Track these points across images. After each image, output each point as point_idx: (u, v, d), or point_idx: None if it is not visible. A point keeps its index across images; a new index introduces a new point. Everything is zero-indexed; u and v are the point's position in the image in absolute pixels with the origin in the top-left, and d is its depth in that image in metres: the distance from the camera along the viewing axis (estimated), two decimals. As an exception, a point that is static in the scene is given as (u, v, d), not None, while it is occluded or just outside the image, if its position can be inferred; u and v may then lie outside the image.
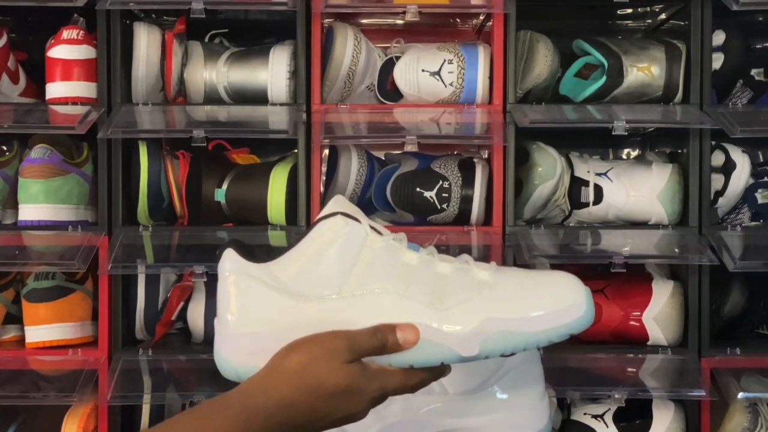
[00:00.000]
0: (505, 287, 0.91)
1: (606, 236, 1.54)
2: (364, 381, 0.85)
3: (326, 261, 0.90)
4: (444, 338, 0.88)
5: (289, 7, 1.46)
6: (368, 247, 0.91)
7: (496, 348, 0.89)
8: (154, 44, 1.53)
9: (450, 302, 0.90)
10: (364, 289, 0.90)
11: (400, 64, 1.56)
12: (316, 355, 0.84)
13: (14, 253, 1.49)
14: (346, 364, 0.84)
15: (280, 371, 0.84)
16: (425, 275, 0.91)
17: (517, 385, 1.05)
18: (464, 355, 0.89)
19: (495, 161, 1.51)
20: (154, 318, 1.57)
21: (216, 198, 1.56)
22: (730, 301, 1.58)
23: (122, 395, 1.46)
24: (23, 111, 1.55)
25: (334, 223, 0.91)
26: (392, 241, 0.93)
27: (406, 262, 0.92)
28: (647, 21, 1.76)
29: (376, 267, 0.90)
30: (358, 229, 0.91)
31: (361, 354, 0.86)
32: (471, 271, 0.92)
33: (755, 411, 1.49)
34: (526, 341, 0.90)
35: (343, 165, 1.56)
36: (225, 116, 1.56)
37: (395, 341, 0.87)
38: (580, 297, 0.90)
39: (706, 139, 1.53)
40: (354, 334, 0.86)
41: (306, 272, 0.90)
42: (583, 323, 0.90)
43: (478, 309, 0.89)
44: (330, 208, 0.93)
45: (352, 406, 0.85)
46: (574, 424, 1.52)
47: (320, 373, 0.83)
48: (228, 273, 0.91)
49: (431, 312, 0.89)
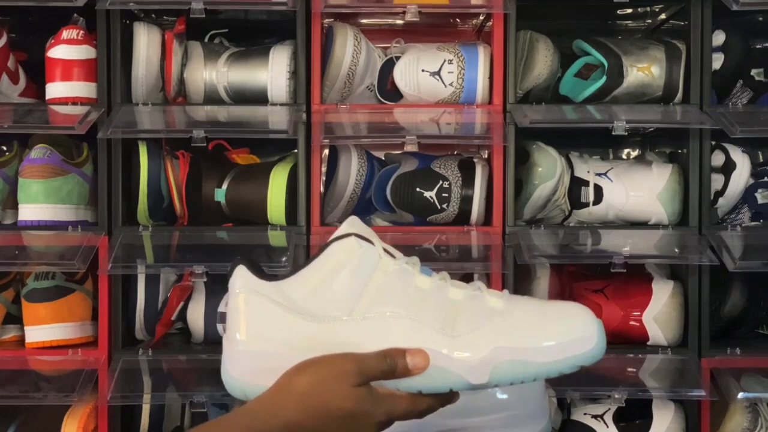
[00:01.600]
0: (517, 316, 0.90)
1: (606, 236, 1.54)
2: (372, 405, 0.85)
3: (338, 282, 0.89)
4: (454, 365, 0.88)
5: (289, 7, 1.46)
6: (381, 270, 0.90)
7: (506, 377, 0.89)
8: (154, 44, 1.53)
9: (461, 329, 0.89)
10: (375, 312, 0.89)
11: (400, 64, 1.56)
12: (324, 377, 0.84)
13: (14, 253, 1.49)
14: (354, 388, 0.84)
15: (287, 392, 0.84)
16: (437, 301, 0.90)
17: (517, 384, 1.05)
18: (474, 382, 0.88)
19: (495, 161, 1.51)
20: (154, 318, 1.57)
21: (216, 198, 1.56)
22: (730, 301, 1.58)
23: (122, 395, 1.46)
24: (23, 111, 1.55)
25: (348, 244, 0.90)
26: (405, 265, 0.92)
27: (419, 286, 0.91)
28: (647, 21, 1.76)
29: (388, 290, 0.90)
30: (371, 251, 0.91)
31: (369, 378, 0.85)
32: (483, 299, 0.92)
33: (755, 411, 1.49)
34: (536, 371, 0.89)
35: (343, 165, 1.56)
36: (225, 116, 1.56)
37: (404, 366, 0.86)
38: (592, 329, 0.90)
39: (706, 139, 1.53)
40: (363, 357, 0.85)
41: (317, 293, 0.89)
42: (595, 356, 0.90)
43: (489, 337, 0.89)
44: (344, 229, 0.92)
45: (358, 430, 0.85)
46: (574, 424, 1.52)
47: (328, 395, 0.83)
48: (239, 290, 0.91)
49: (442, 338, 0.88)
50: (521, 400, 1.05)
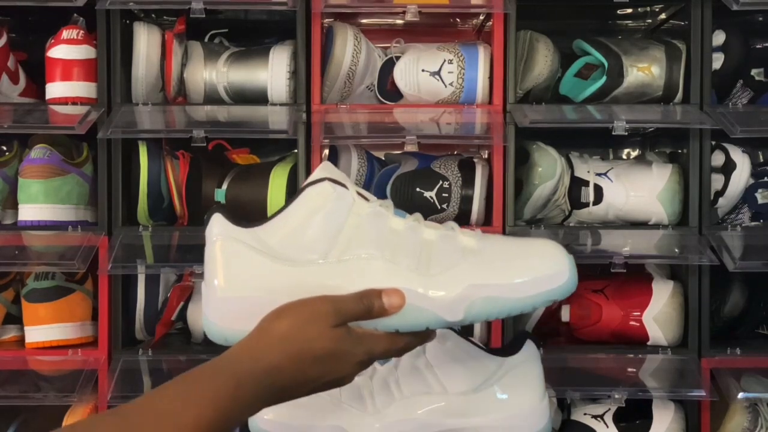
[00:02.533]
0: (490, 254, 0.92)
1: (606, 236, 1.54)
2: (351, 345, 0.87)
3: (313, 226, 0.90)
4: (429, 303, 0.89)
5: (289, 7, 1.46)
6: (355, 212, 0.92)
7: (481, 313, 0.90)
8: (154, 44, 1.53)
9: (436, 268, 0.90)
10: (350, 254, 0.90)
11: (400, 64, 1.56)
12: (303, 319, 0.85)
13: (14, 253, 1.49)
14: (333, 328, 0.86)
15: (267, 336, 0.85)
16: (411, 241, 0.92)
17: (517, 385, 1.05)
18: (449, 320, 0.90)
19: (495, 161, 1.51)
20: (154, 318, 1.57)
21: (216, 198, 1.56)
22: (730, 301, 1.58)
23: (122, 395, 1.45)
24: (23, 111, 1.55)
25: (322, 188, 0.92)
26: (379, 208, 0.93)
27: (393, 227, 0.93)
28: (647, 21, 1.76)
29: (362, 232, 0.91)
30: (345, 194, 0.92)
31: (347, 318, 0.87)
32: (457, 238, 0.93)
33: (755, 411, 1.49)
34: (511, 307, 0.91)
35: (343, 165, 1.56)
36: (225, 116, 1.56)
37: (381, 306, 0.88)
38: (564, 264, 0.92)
39: (706, 139, 1.53)
40: (340, 299, 0.87)
41: (293, 237, 0.91)
42: (566, 290, 0.92)
43: (463, 275, 0.90)
44: (317, 174, 0.93)
45: (339, 370, 0.87)
46: (574, 424, 1.52)
47: (307, 337, 0.85)
48: (215, 237, 0.92)
49: (417, 277, 0.90)
50: (521, 400, 1.05)
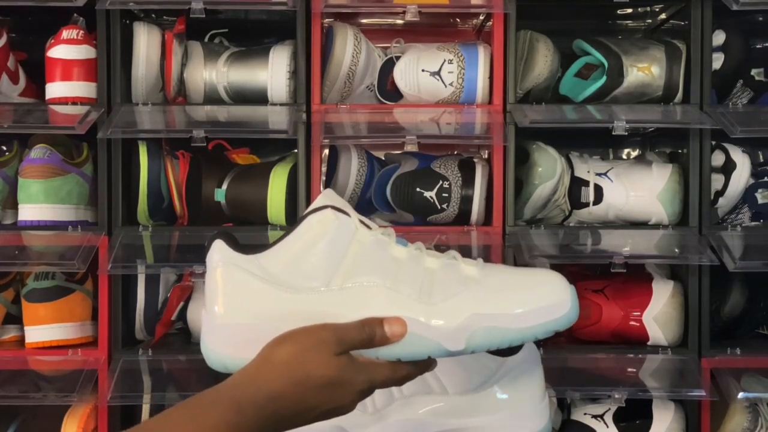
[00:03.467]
0: (492, 283, 0.92)
1: (606, 236, 1.54)
2: (352, 373, 0.86)
3: (316, 254, 0.90)
4: (431, 332, 0.89)
5: (289, 7, 1.46)
6: (357, 240, 0.91)
7: (482, 343, 0.90)
8: (154, 44, 1.53)
9: (438, 297, 0.90)
10: (352, 282, 0.90)
11: (400, 64, 1.56)
12: (305, 347, 0.85)
13: (14, 253, 1.48)
14: (335, 357, 0.85)
15: (269, 363, 0.85)
16: (413, 270, 0.92)
17: (517, 385, 1.05)
18: (451, 349, 0.90)
19: (495, 161, 1.51)
20: (154, 318, 1.57)
21: (216, 198, 1.56)
22: (730, 301, 1.58)
23: (122, 395, 1.46)
24: (23, 111, 1.55)
25: (324, 216, 0.91)
26: (381, 236, 0.93)
27: (395, 256, 0.92)
28: (647, 21, 1.76)
29: (365, 261, 0.91)
30: (347, 222, 0.92)
31: (349, 346, 0.87)
32: (458, 267, 0.93)
33: (755, 411, 1.49)
34: (512, 337, 0.91)
35: (343, 165, 1.56)
36: (225, 116, 1.56)
37: (383, 334, 0.88)
38: (566, 295, 0.92)
39: (706, 139, 1.53)
40: (342, 327, 0.87)
41: (295, 264, 0.90)
42: (568, 321, 0.92)
43: (465, 304, 0.90)
44: (320, 202, 0.93)
45: (340, 398, 0.86)
46: (574, 424, 1.52)
47: (309, 364, 0.84)
48: (216, 264, 0.91)
49: (419, 306, 0.90)
50: (521, 400, 1.05)
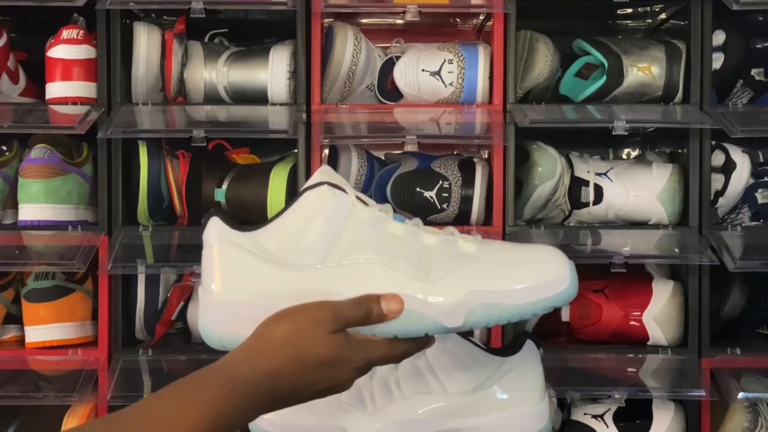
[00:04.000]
0: (490, 260, 0.91)
1: (606, 236, 1.54)
2: (349, 351, 0.86)
3: (312, 230, 0.89)
4: (429, 309, 0.89)
5: (289, 6, 1.46)
6: (354, 217, 0.91)
7: (480, 320, 0.90)
8: (154, 44, 1.53)
9: (435, 274, 0.90)
10: (349, 258, 0.89)
11: (400, 64, 1.56)
12: (301, 324, 0.84)
13: (14, 253, 1.48)
14: (331, 334, 0.85)
15: (265, 341, 0.84)
16: (411, 246, 0.91)
17: (517, 385, 1.05)
18: (448, 326, 0.89)
19: (495, 161, 1.51)
20: (154, 318, 1.57)
21: (216, 198, 1.56)
22: (730, 301, 1.58)
23: (122, 395, 1.45)
24: (23, 111, 1.55)
25: (321, 192, 0.91)
26: (378, 212, 0.92)
27: (392, 232, 0.92)
28: (647, 21, 1.76)
29: (361, 237, 0.90)
30: (344, 199, 0.91)
31: (345, 324, 0.86)
32: (457, 243, 0.93)
33: (755, 411, 1.49)
34: (510, 313, 0.90)
35: (343, 165, 1.56)
36: (225, 116, 1.56)
37: (380, 311, 0.88)
38: (564, 271, 0.91)
39: (706, 139, 1.53)
40: (339, 304, 0.86)
41: (292, 241, 0.89)
42: (567, 297, 0.91)
43: (462, 281, 0.89)
44: (316, 178, 0.92)
45: (337, 376, 0.86)
46: (574, 424, 1.52)
47: (305, 342, 0.84)
48: (213, 241, 0.91)
49: (416, 283, 0.89)
50: (521, 400, 1.05)
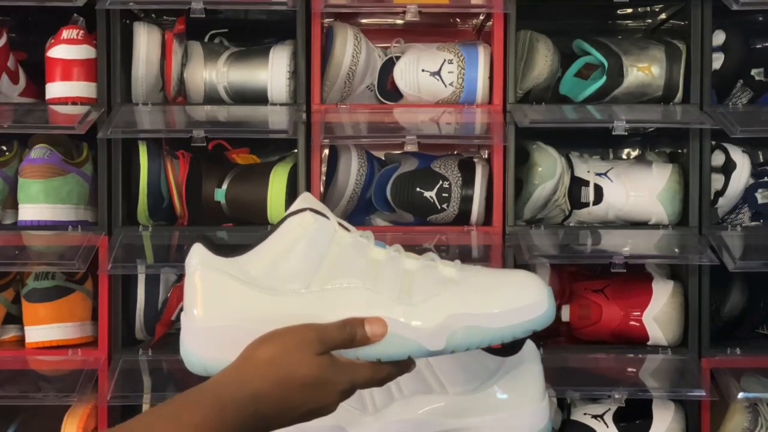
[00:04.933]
0: (471, 284, 0.93)
1: (606, 236, 1.54)
2: (334, 373, 0.87)
3: (295, 256, 0.91)
4: (411, 332, 0.90)
5: (289, 7, 1.46)
6: (336, 242, 0.92)
7: (462, 343, 0.91)
8: (154, 44, 1.53)
9: (417, 297, 0.91)
10: (332, 283, 0.91)
11: (400, 64, 1.56)
12: (287, 346, 0.85)
13: (14, 253, 1.49)
14: (317, 356, 0.86)
15: (252, 362, 0.85)
16: (393, 271, 0.92)
17: (517, 385, 1.05)
18: (431, 349, 0.91)
19: (495, 161, 1.51)
20: (154, 318, 1.57)
21: (216, 198, 1.56)
22: (730, 301, 1.58)
23: (122, 395, 1.46)
24: (23, 111, 1.55)
25: (303, 219, 0.92)
26: (360, 238, 0.94)
27: (374, 258, 0.93)
28: (647, 21, 1.76)
29: (344, 262, 0.91)
30: (326, 225, 0.92)
31: (330, 346, 0.87)
32: (437, 268, 0.94)
33: (755, 411, 1.49)
34: (491, 336, 0.91)
35: (343, 165, 1.56)
36: (225, 116, 1.56)
37: (364, 334, 0.89)
38: (542, 295, 0.93)
39: (706, 139, 1.53)
40: (324, 327, 0.88)
41: (275, 267, 0.91)
42: (545, 320, 0.93)
43: (444, 305, 0.91)
44: (298, 205, 0.94)
45: (322, 398, 0.87)
46: (574, 424, 1.52)
47: (291, 364, 0.85)
48: (195, 268, 0.92)
49: (399, 307, 0.90)
50: (521, 400, 1.05)
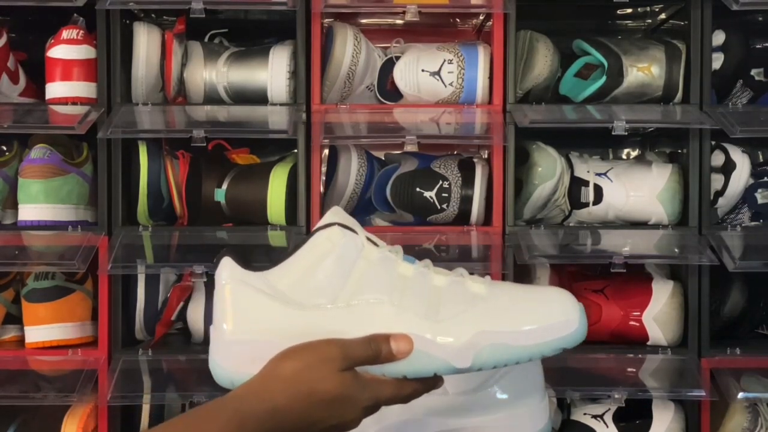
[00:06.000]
0: (499, 301, 0.92)
1: (606, 236, 1.54)
2: (357, 389, 0.86)
3: (322, 271, 0.90)
4: (437, 350, 0.89)
5: (289, 7, 1.46)
6: (364, 258, 0.91)
7: (489, 360, 0.90)
8: (154, 44, 1.53)
9: (444, 314, 0.90)
10: (359, 299, 0.90)
11: (400, 64, 1.56)
12: (310, 362, 0.85)
13: (14, 253, 1.49)
14: (340, 372, 0.85)
15: (274, 377, 0.85)
16: (420, 287, 0.92)
17: (517, 385, 1.05)
18: (457, 366, 0.89)
19: (495, 161, 1.51)
20: (154, 318, 1.57)
21: (216, 198, 1.56)
22: (730, 301, 1.58)
23: (122, 395, 1.46)
24: (23, 111, 1.55)
25: (331, 233, 0.91)
26: (388, 253, 0.93)
27: (402, 273, 0.92)
28: (647, 21, 1.76)
29: (371, 278, 0.91)
30: (354, 239, 0.92)
31: (354, 363, 0.86)
32: (465, 284, 0.93)
33: (755, 411, 1.49)
34: (519, 355, 0.90)
35: (343, 165, 1.56)
36: (225, 116, 1.56)
37: (389, 351, 0.87)
38: (574, 313, 0.91)
39: (706, 139, 1.53)
40: (348, 343, 0.86)
41: (302, 281, 0.90)
42: (575, 339, 0.91)
43: (471, 321, 0.90)
44: (327, 219, 0.93)
45: (344, 414, 0.86)
46: (574, 424, 1.52)
47: (314, 380, 0.84)
48: (225, 281, 0.91)
49: (425, 323, 0.89)
50: (521, 400, 1.05)
